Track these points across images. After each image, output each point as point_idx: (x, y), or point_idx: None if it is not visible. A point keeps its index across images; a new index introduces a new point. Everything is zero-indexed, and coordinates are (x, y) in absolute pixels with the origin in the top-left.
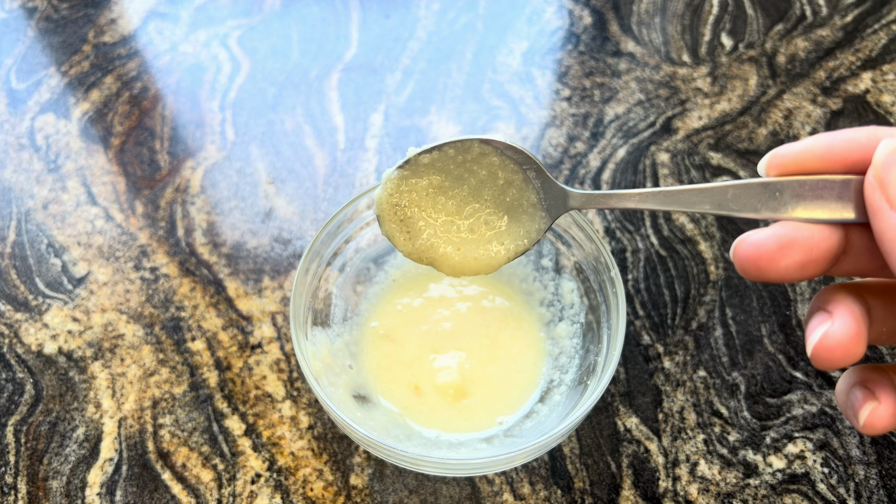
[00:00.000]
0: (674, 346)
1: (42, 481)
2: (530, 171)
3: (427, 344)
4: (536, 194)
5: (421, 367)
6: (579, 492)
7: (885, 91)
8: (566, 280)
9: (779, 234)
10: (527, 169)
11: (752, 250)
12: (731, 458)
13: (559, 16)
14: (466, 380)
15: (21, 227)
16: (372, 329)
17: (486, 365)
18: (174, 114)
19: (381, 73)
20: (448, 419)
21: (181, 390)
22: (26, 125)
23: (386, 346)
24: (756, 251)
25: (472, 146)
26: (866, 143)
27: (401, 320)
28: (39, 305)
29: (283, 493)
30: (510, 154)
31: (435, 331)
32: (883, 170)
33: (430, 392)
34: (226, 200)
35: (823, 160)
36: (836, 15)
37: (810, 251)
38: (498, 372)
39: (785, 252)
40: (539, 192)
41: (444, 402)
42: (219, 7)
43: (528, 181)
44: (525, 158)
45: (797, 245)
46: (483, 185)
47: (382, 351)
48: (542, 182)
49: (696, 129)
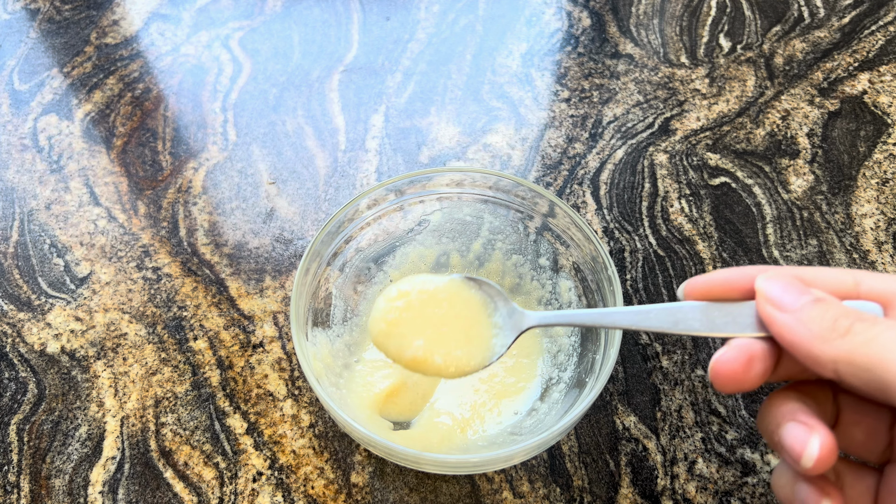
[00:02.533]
0: (672, 345)
1: (45, 480)
2: (499, 301)
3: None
4: (502, 319)
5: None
6: (578, 490)
7: (883, 92)
8: (564, 279)
9: (743, 352)
10: (497, 300)
11: (727, 368)
12: (728, 457)
13: (558, 17)
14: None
15: (24, 227)
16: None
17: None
18: (176, 115)
19: (381, 75)
20: (447, 417)
21: (183, 389)
22: (29, 126)
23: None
24: (730, 368)
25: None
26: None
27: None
28: (42, 305)
29: (285, 491)
30: (485, 289)
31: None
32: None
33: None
34: (227, 201)
35: (725, 287)
36: (833, 16)
37: (766, 360)
38: (497, 370)
39: (751, 365)
40: (504, 316)
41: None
42: (220, 9)
43: (496, 308)
44: (497, 292)
45: (757, 358)
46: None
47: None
48: (507, 309)
49: (694, 129)
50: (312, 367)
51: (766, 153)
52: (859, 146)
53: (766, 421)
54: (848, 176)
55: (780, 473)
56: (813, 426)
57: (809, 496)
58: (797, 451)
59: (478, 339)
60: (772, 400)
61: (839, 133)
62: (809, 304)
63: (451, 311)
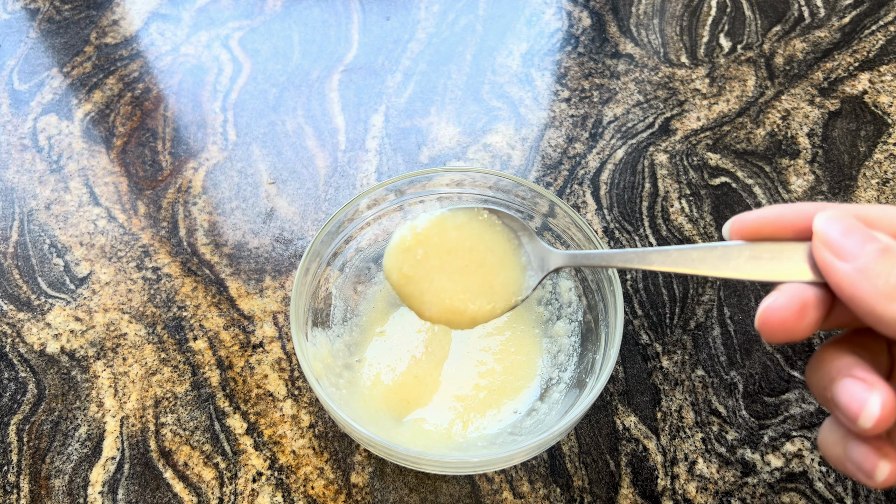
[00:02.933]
0: (672, 345)
1: (44, 480)
2: (524, 237)
3: (425, 344)
4: (527, 257)
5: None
6: (578, 490)
7: (883, 92)
8: (564, 279)
9: (795, 298)
10: (521, 234)
11: (777, 317)
12: (729, 457)
13: (558, 17)
14: (465, 379)
15: (24, 227)
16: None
17: (485, 364)
18: (176, 115)
19: (381, 75)
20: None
21: (183, 389)
22: (29, 126)
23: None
24: (781, 316)
25: (477, 214)
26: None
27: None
28: (42, 305)
29: (285, 491)
30: (507, 221)
31: (433, 330)
32: (824, 233)
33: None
34: (227, 201)
35: (776, 226)
36: (833, 16)
37: (820, 308)
38: (497, 370)
39: (804, 313)
40: (529, 255)
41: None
42: (220, 9)
43: (520, 245)
44: (519, 225)
45: (810, 305)
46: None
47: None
48: (532, 246)
49: (695, 129)
50: (312, 368)
51: (767, 153)
52: (860, 146)
53: (817, 376)
54: (848, 176)
55: (830, 432)
56: (872, 383)
57: (866, 458)
58: (854, 410)
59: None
60: (824, 352)
61: (839, 133)
62: (875, 254)
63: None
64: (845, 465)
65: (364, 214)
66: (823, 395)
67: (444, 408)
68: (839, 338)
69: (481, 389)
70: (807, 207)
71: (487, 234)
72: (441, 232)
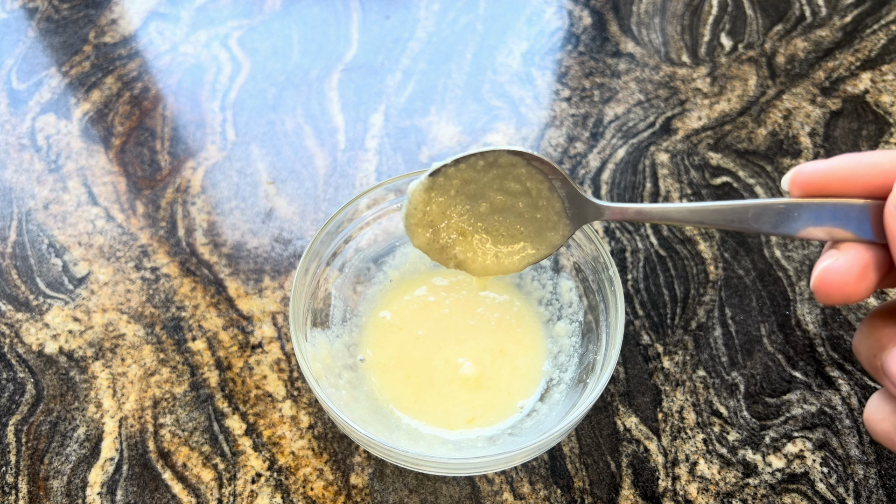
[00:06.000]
0: (673, 345)
1: (43, 481)
2: (556, 181)
3: (425, 344)
4: (561, 203)
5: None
6: (579, 491)
7: (885, 91)
8: (564, 279)
9: (857, 260)
10: (553, 179)
11: (837, 278)
12: (730, 458)
13: (559, 16)
14: (466, 378)
15: (22, 227)
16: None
17: (486, 364)
18: (175, 114)
19: (381, 74)
20: (448, 417)
21: (182, 390)
22: (27, 125)
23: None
24: (841, 279)
25: (500, 156)
26: (890, 169)
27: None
28: (40, 305)
29: (284, 492)
30: (536, 164)
31: (432, 330)
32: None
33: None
34: (226, 200)
35: (846, 183)
36: (835, 15)
37: (881, 270)
38: (497, 370)
39: (865, 275)
40: (564, 202)
41: (443, 401)
42: (219, 8)
43: (553, 190)
44: (551, 168)
45: (872, 267)
46: (509, 193)
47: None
48: (567, 192)
49: (696, 129)
50: (311, 368)
51: (768, 153)
52: (861, 146)
53: (866, 343)
54: None
55: (879, 405)
56: None
57: None
58: None
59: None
60: (874, 319)
61: (841, 132)
62: None
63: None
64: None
65: (364, 214)
66: (872, 362)
67: (444, 408)
68: (890, 304)
69: (481, 389)
70: (882, 159)
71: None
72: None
